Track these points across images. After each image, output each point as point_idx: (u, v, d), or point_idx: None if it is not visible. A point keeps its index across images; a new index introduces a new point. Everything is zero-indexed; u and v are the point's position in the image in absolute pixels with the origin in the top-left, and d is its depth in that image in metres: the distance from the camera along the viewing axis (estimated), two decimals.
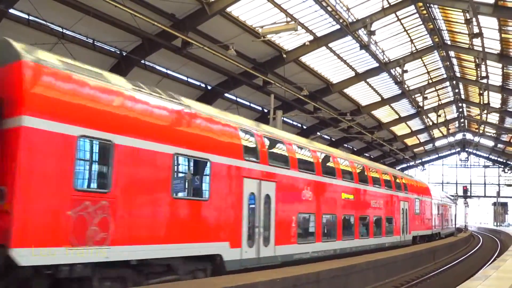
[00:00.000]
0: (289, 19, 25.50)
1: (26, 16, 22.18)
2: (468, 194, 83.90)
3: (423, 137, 70.99)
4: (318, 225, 19.51)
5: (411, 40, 37.32)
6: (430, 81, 46.87)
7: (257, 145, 16.34)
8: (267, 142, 17.17)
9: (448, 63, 43.92)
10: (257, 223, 15.64)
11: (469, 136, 75.15)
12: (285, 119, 36.94)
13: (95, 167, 10.92)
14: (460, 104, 57.63)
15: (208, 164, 13.70)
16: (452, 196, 63.77)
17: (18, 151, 9.26)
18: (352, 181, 23.38)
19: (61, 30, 23.62)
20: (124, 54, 27.30)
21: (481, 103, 46.12)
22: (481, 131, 62.04)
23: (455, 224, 57.62)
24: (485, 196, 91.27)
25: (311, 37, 31.29)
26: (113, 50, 26.99)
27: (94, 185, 10.78)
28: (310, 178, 19.16)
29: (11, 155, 9.34)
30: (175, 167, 12.66)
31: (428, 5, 32.67)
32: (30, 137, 9.40)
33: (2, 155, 9.46)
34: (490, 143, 75.76)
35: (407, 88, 44.48)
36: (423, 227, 36.02)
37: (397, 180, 30.69)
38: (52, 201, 9.62)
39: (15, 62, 9.66)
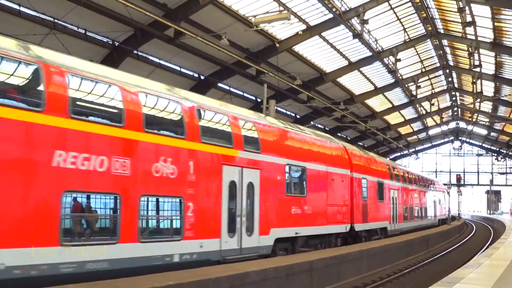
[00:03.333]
0: (281, 8, 25.41)
1: (17, 7, 22.02)
2: (462, 182, 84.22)
3: (417, 126, 71.11)
4: None
5: (404, 29, 37.29)
6: (423, 70, 46.89)
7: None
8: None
9: (441, 52, 43.93)
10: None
11: (462, 124, 75.27)
12: (278, 108, 36.92)
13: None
14: (453, 93, 57.70)
15: None
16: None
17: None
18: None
19: (53, 21, 23.49)
20: (116, 45, 27.18)
21: (474, 91, 46.25)
22: (474, 120, 62.20)
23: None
24: (478, 185, 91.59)
25: (304, 26, 31.20)
26: (105, 41, 26.86)
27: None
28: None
29: None
30: None
31: None
32: None
33: None
34: (483, 132, 75.92)
35: (400, 77, 44.49)
36: None
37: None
38: None
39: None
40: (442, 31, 39.03)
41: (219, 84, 35.13)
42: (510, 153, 74.40)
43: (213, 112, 15.23)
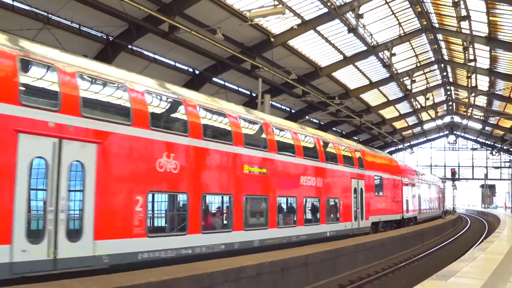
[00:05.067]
0: (276, 2, 25.30)
1: (11, 1, 21.89)
2: (456, 176, 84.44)
3: (412, 120, 71.15)
4: None
5: (399, 23, 37.24)
6: (418, 64, 46.86)
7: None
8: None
9: (436, 46, 43.93)
10: None
11: (457, 119, 75.49)
12: (273, 103, 36.85)
13: None
14: (448, 87, 57.71)
15: None
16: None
17: None
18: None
19: (46, 15, 23.36)
20: (110, 39, 27.05)
21: (469, 86, 46.22)
22: (469, 114, 62.24)
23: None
24: (473, 179, 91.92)
25: (299, 21, 31.14)
26: (99, 35, 26.71)
27: None
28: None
29: None
30: None
31: None
32: None
33: None
34: (478, 126, 76.09)
35: (395, 72, 44.47)
36: None
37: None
38: None
39: None
40: (437, 25, 39.00)
41: (214, 79, 35.06)
42: (504, 147, 74.56)
43: None
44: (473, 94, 50.19)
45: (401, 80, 46.82)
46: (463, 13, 30.20)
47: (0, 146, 9.68)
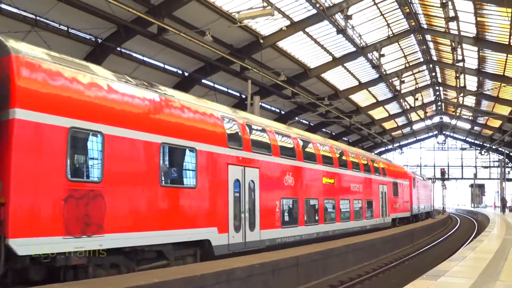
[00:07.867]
0: (265, 4, 25.35)
1: None
2: (446, 176, 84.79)
3: (401, 120, 71.41)
4: None
5: (388, 24, 37.36)
6: (407, 65, 47.03)
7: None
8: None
9: (424, 47, 44.13)
10: None
11: (446, 119, 75.87)
12: (263, 104, 36.87)
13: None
14: (437, 88, 57.96)
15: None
16: None
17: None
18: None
19: (35, 18, 23.25)
20: (99, 42, 26.96)
21: (458, 86, 46.48)
22: (458, 114, 62.59)
23: None
24: (462, 178, 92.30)
25: (288, 22, 31.17)
26: (88, 38, 26.61)
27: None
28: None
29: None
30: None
31: None
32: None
33: None
34: (467, 126, 76.48)
35: (384, 72, 44.61)
36: None
37: None
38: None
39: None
40: (425, 26, 39.15)
41: (203, 81, 34.99)
42: (493, 147, 74.95)
43: None
44: (461, 94, 50.51)
45: (390, 80, 46.98)
46: (451, 13, 30.40)
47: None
